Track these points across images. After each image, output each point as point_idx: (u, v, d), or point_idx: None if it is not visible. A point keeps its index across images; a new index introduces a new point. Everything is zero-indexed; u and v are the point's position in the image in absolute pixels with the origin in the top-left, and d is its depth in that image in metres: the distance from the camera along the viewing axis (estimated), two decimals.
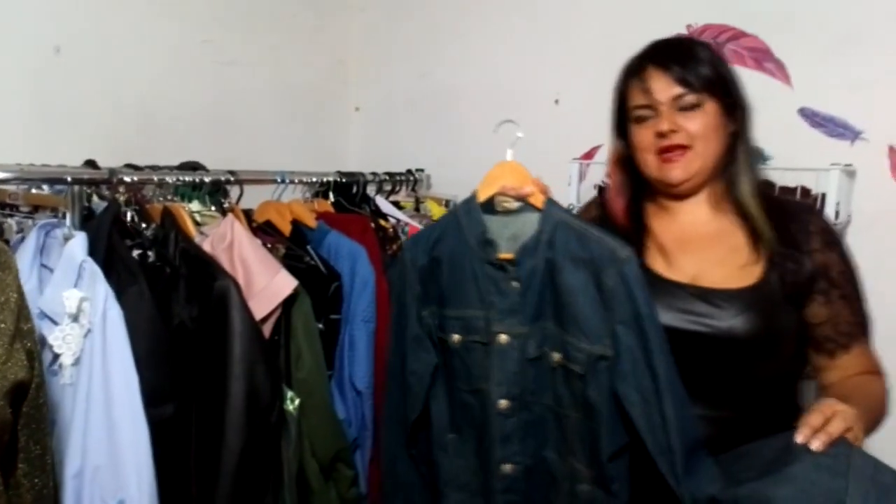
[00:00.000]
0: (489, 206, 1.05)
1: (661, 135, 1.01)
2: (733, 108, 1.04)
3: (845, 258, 1.02)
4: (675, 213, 1.09)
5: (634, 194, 1.12)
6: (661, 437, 0.91)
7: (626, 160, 1.11)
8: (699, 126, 1.00)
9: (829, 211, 1.34)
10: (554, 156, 1.66)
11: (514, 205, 1.03)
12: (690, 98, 1.00)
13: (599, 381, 0.95)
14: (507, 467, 1.04)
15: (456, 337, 1.07)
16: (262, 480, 1.18)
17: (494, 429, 1.03)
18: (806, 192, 1.44)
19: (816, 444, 0.81)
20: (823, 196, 1.38)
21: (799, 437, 0.82)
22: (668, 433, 0.91)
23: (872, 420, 0.94)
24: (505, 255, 1.02)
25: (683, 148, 1.01)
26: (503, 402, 1.02)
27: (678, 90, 1.00)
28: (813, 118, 1.59)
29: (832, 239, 1.03)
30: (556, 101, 1.89)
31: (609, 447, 0.96)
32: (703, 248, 1.04)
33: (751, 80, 1.63)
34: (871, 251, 1.53)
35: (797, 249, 1.00)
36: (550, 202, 1.02)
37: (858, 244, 1.53)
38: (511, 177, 1.04)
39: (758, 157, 1.11)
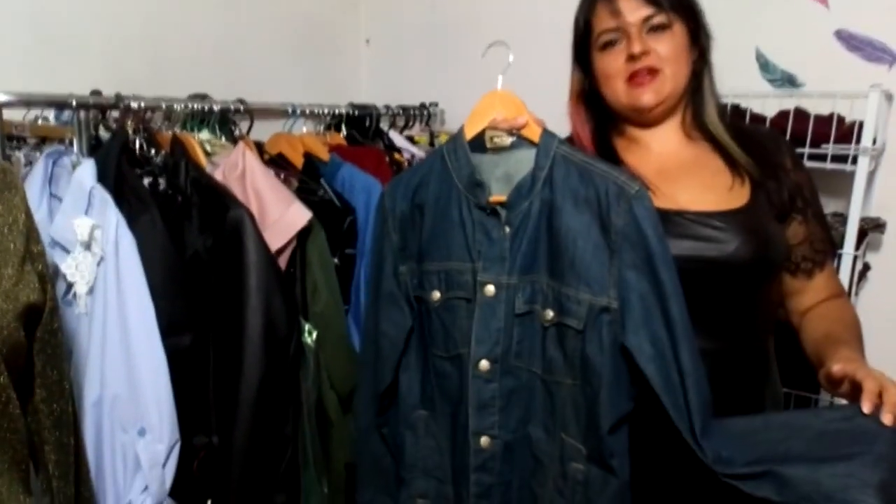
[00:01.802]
0: (479, 144, 0.95)
1: (632, 58, 0.97)
2: (697, 33, 1.01)
3: (811, 178, 1.03)
4: (647, 145, 1.04)
5: (600, 129, 1.07)
6: (679, 394, 0.83)
7: (587, 94, 1.06)
8: (669, 48, 0.97)
9: (867, 138, 1.28)
10: None
11: (507, 140, 0.93)
12: (660, 18, 0.96)
13: (601, 338, 0.86)
14: (484, 441, 0.92)
15: (436, 294, 0.95)
16: (281, 411, 1.18)
17: (470, 395, 0.92)
18: (840, 120, 1.38)
19: (889, 419, 0.75)
20: (860, 124, 1.32)
21: (866, 407, 0.76)
22: (686, 388, 0.82)
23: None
24: (497, 197, 0.92)
25: (653, 72, 0.97)
26: (483, 364, 0.92)
27: (648, 10, 0.96)
28: (850, 41, 1.51)
29: (799, 160, 1.04)
30: None
31: (610, 416, 0.86)
32: (686, 176, 1.00)
33: (785, 1, 1.56)
34: None
35: (774, 169, 0.99)
36: (547, 134, 0.92)
37: (893, 173, 1.49)
38: (503, 108, 0.94)
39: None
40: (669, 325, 0.84)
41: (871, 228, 1.41)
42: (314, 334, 1.27)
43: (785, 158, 1.00)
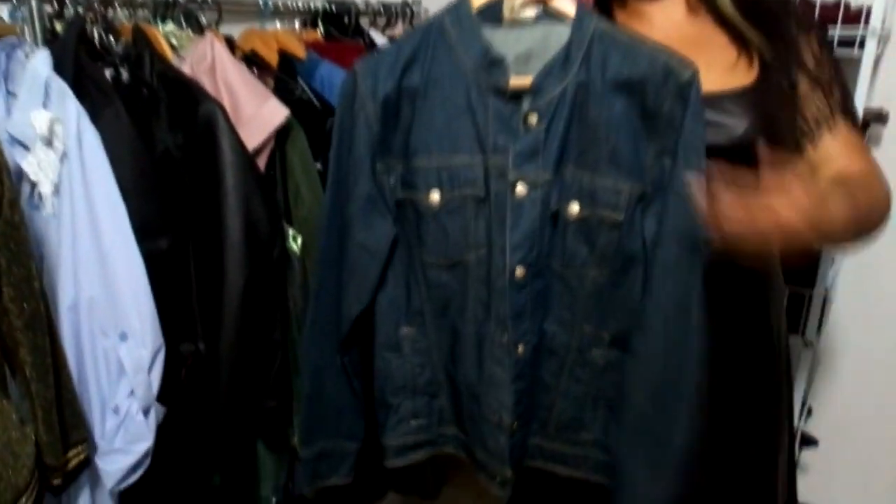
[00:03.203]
0: (489, 15, 0.84)
1: None
2: None
3: (823, 43, 0.93)
4: (649, 19, 0.97)
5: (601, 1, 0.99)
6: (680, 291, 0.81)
7: None
8: None
9: (876, 19, 1.21)
10: None
11: (531, 11, 0.82)
12: None
13: (637, 228, 0.82)
14: (521, 349, 0.87)
15: (435, 195, 0.85)
16: (268, 317, 1.15)
17: (507, 305, 0.85)
18: (847, 6, 1.31)
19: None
20: (867, 9, 1.25)
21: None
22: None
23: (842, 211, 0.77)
24: (517, 80, 0.82)
25: None
26: (519, 271, 0.84)
27: None
28: None
29: (809, 23, 0.94)
30: None
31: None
32: (688, 53, 0.92)
33: None
34: None
35: (782, 36, 0.92)
36: (583, 8, 0.83)
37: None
38: None
39: None
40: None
41: (873, 119, 1.36)
42: (299, 240, 1.23)
43: (790, 25, 0.92)
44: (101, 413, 0.99)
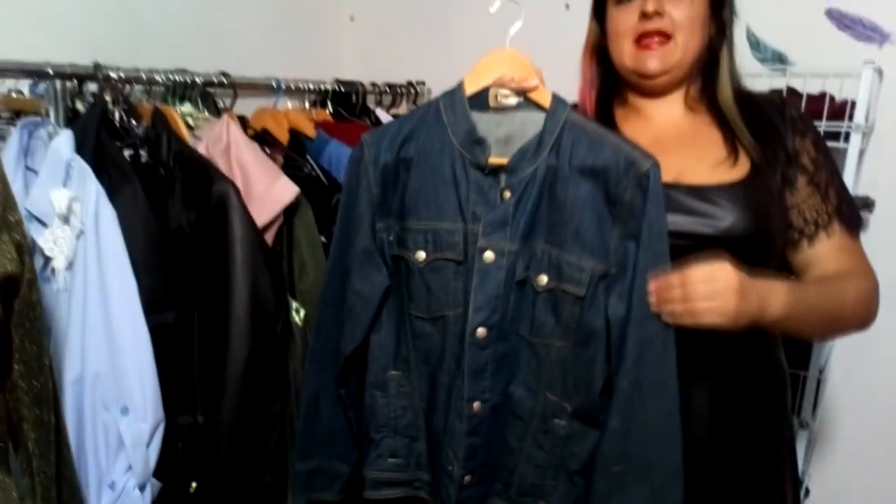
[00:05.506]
0: (479, 101, 0.93)
1: (644, 16, 0.94)
2: (721, 6, 0.97)
3: (819, 145, 0.98)
4: (647, 115, 1.02)
5: (604, 93, 1.04)
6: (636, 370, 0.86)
7: (599, 50, 1.04)
8: (685, 14, 0.94)
9: (860, 114, 1.27)
10: (565, 65, 1.57)
11: (513, 100, 0.91)
12: None
13: (598, 304, 0.87)
14: (476, 406, 0.93)
15: (421, 254, 0.93)
16: (269, 389, 1.16)
17: (466, 362, 0.91)
18: (832, 98, 1.38)
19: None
20: (852, 103, 1.32)
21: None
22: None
23: (814, 315, 0.89)
24: (496, 159, 0.90)
25: (664, 36, 0.94)
26: (480, 331, 0.90)
27: None
28: (841, 20, 1.50)
29: (805, 126, 0.99)
30: (567, 7, 1.78)
31: (602, 376, 0.88)
32: (681, 147, 0.98)
33: None
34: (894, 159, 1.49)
35: (776, 139, 0.96)
36: (558, 100, 0.91)
37: (881, 152, 1.50)
38: (510, 67, 0.92)
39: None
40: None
41: (860, 207, 1.41)
42: (302, 313, 1.25)
43: (786, 126, 0.96)
44: (98, 488, 0.98)
